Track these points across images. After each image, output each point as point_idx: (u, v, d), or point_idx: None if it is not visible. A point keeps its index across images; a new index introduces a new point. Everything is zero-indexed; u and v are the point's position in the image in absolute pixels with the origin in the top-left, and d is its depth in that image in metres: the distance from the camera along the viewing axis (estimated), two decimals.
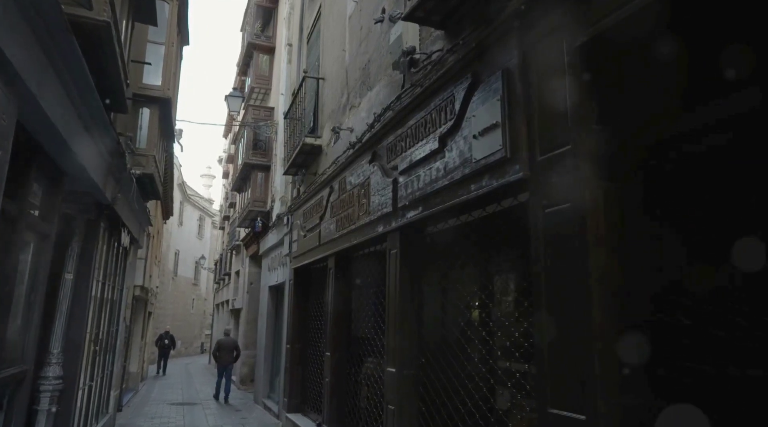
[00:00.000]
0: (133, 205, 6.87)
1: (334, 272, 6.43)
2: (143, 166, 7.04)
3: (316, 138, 7.38)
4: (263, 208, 12.00)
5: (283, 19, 11.79)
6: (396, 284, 4.59)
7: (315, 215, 7.26)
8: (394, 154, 4.75)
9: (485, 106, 3.38)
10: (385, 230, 4.83)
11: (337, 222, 6.25)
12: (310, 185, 7.66)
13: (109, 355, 7.71)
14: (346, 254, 6.19)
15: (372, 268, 5.74)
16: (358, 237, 5.48)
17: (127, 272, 8.51)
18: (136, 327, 13.54)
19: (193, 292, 36.78)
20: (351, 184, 5.87)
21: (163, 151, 9.17)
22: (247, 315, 14.80)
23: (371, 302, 5.68)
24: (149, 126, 7.25)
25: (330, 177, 6.61)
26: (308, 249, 7.52)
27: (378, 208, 5.00)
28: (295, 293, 8.53)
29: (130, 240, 8.00)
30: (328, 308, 6.60)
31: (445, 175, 3.79)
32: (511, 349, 3.42)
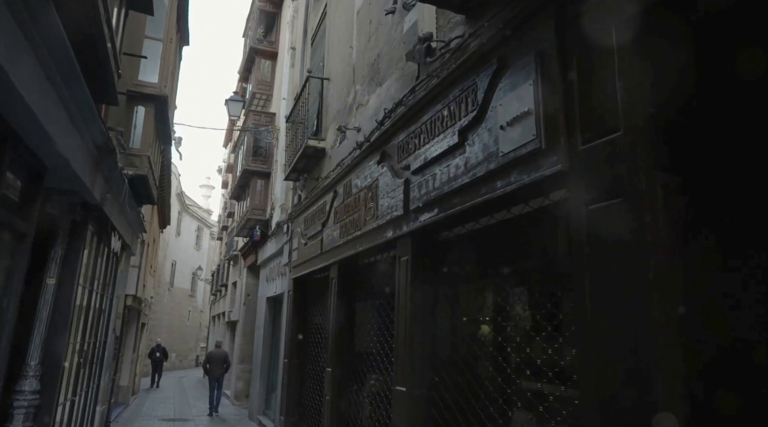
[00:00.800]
0: (124, 208, 6.47)
1: (337, 281, 6.03)
2: (137, 166, 6.66)
3: (320, 140, 7.02)
4: (262, 217, 11.61)
5: (287, 23, 11.52)
6: (406, 294, 4.18)
7: (317, 221, 6.87)
8: (406, 152, 4.38)
9: (514, 93, 3.01)
10: (394, 235, 4.44)
11: (341, 228, 5.86)
12: (312, 190, 7.28)
13: (96, 368, 7.25)
14: (351, 262, 5.78)
15: (378, 278, 5.33)
16: (365, 243, 5.09)
17: (117, 280, 8.08)
18: (128, 339, 13.06)
19: (189, 303, 36.22)
20: (357, 188, 5.49)
21: (159, 154, 8.79)
22: (243, 328, 14.32)
23: (377, 315, 5.26)
24: (144, 125, 6.88)
25: (334, 181, 6.23)
26: (309, 258, 7.12)
27: (387, 211, 4.61)
28: (295, 305, 8.10)
29: (121, 246, 7.59)
30: (329, 321, 6.18)
31: (466, 172, 3.41)
32: (542, 368, 3.01)
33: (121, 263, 8.21)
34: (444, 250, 4.21)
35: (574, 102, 2.59)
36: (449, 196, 3.62)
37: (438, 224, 3.89)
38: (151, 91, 6.84)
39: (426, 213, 3.93)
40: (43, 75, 3.27)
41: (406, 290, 4.20)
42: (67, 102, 3.69)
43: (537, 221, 3.26)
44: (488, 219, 3.59)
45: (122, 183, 5.97)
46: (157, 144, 8.05)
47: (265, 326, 11.06)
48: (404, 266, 4.26)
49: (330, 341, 6.06)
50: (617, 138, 2.33)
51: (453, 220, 3.72)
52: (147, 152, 6.85)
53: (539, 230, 3.32)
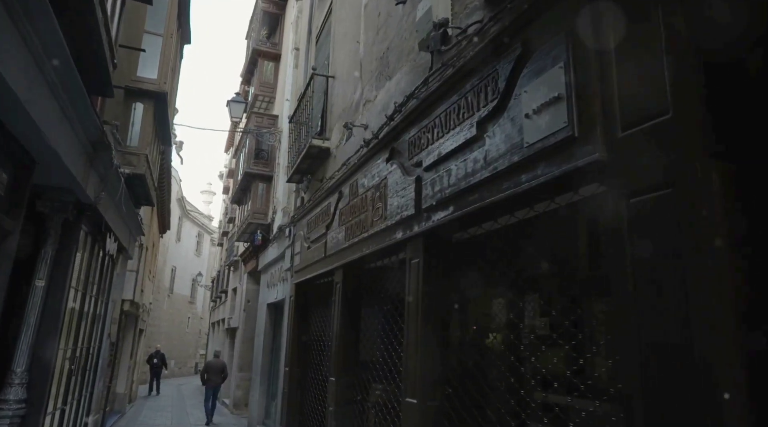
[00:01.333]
0: (120, 209, 6.22)
1: (342, 286, 5.75)
2: (134, 165, 6.41)
3: (324, 140, 6.77)
4: (263, 221, 11.35)
5: (291, 23, 11.33)
6: (417, 299, 3.91)
7: (321, 224, 6.61)
8: (418, 148, 4.12)
9: (542, 77, 2.76)
10: (405, 236, 4.18)
11: (347, 230, 5.60)
12: (316, 192, 7.03)
13: (90, 375, 6.97)
14: (357, 265, 5.52)
15: (386, 282, 5.07)
16: (372, 246, 4.82)
17: (113, 284, 7.81)
18: (124, 345, 12.76)
19: (189, 310, 35.92)
20: (364, 187, 5.24)
21: (159, 154, 8.55)
22: (243, 335, 14.02)
23: (384, 322, 4.99)
24: (142, 123, 6.64)
25: (339, 181, 5.98)
26: (312, 262, 6.85)
27: (397, 211, 4.35)
28: (296, 311, 7.82)
29: (117, 248, 7.33)
30: (333, 328, 5.90)
31: (485, 166, 3.16)
32: (572, 379, 2.74)
33: (117, 266, 7.94)
34: (458, 252, 3.95)
35: (613, 83, 2.33)
36: (466, 193, 3.36)
37: (453, 224, 3.62)
38: (150, 88, 6.61)
39: (440, 212, 3.67)
40: (30, 58, 3.03)
41: (416, 295, 3.93)
42: (57, 90, 3.44)
43: (562, 220, 3.01)
44: (508, 218, 3.33)
45: (118, 182, 5.72)
46: (156, 144, 7.81)
47: (265, 332, 10.77)
48: (415, 269, 3.99)
49: (334, 348, 5.78)
50: (665, 122, 2.07)
51: (469, 219, 3.46)
52: (145, 151, 6.61)
53: (564, 230, 3.06)
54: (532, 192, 2.81)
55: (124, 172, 5.91)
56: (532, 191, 2.80)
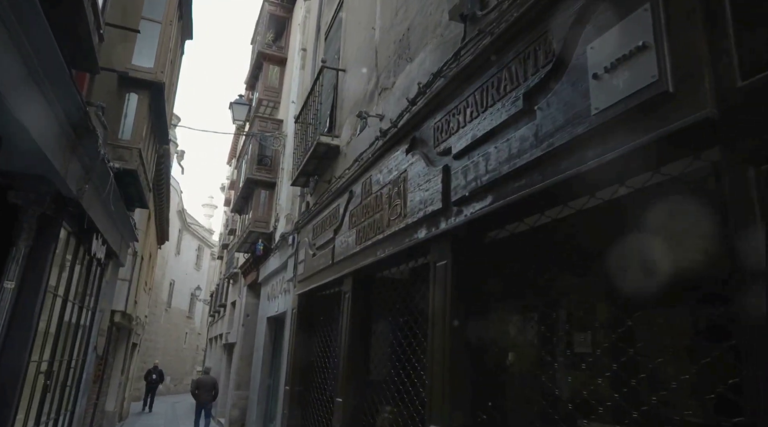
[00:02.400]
0: (109, 208, 5.66)
1: (352, 296, 5.16)
2: (125, 160, 5.88)
3: (333, 137, 6.25)
4: (265, 230, 10.78)
5: (298, 25, 10.92)
6: (444, 309, 3.33)
7: (328, 228, 6.05)
8: (446, 133, 3.58)
9: (616, 28, 2.22)
10: (429, 234, 3.61)
11: (358, 233, 5.04)
12: (323, 194, 6.48)
13: (71, 391, 6.34)
14: (369, 272, 4.94)
15: (403, 291, 4.48)
16: (389, 248, 4.25)
17: (102, 292, 7.22)
18: (116, 360, 12.10)
19: (186, 325, 35.17)
20: (379, 184, 4.69)
21: (154, 152, 8.01)
22: (241, 350, 13.36)
23: (400, 337, 4.39)
24: (137, 115, 6.12)
25: (350, 180, 5.43)
26: (318, 270, 6.27)
27: (419, 207, 3.79)
28: (299, 325, 7.21)
29: (106, 253, 6.76)
30: (340, 343, 5.30)
31: (536, 143, 2.60)
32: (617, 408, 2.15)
33: (107, 273, 7.36)
34: (493, 254, 3.38)
35: (725, 18, 1.79)
36: (509, 179, 2.80)
37: (489, 218, 3.06)
38: (146, 77, 6.10)
39: (474, 204, 3.11)
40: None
41: (443, 305, 3.35)
42: (25, 52, 2.91)
43: (627, 210, 2.44)
44: (560, 209, 2.77)
45: (106, 176, 5.18)
46: (151, 141, 7.29)
47: (264, 348, 10.13)
48: (441, 273, 3.42)
49: (341, 366, 5.17)
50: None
51: (512, 211, 2.90)
52: (138, 145, 6.08)
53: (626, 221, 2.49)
54: (603, 171, 2.25)
55: (113, 167, 5.38)
56: (602, 170, 2.24)
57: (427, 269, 3.94)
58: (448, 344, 3.24)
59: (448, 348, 3.23)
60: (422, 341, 4.21)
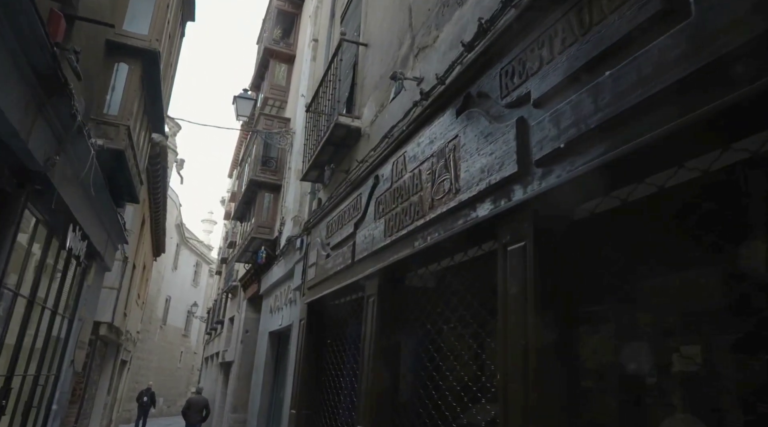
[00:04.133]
0: (90, 194, 4.78)
1: (378, 300, 4.25)
2: (111, 138, 5.03)
3: (354, 118, 5.42)
4: (269, 236, 9.89)
5: (309, 17, 10.21)
6: (524, 305, 2.44)
7: (347, 222, 5.17)
8: (520, 77, 2.73)
9: None
10: (496, 210, 2.73)
11: (387, 223, 4.16)
12: (340, 185, 5.62)
13: (37, 413, 5.37)
14: (401, 270, 4.05)
15: (449, 290, 3.58)
16: (433, 234, 3.37)
17: (83, 298, 6.30)
18: (101, 378, 11.07)
19: (182, 344, 33.98)
20: (416, 160, 3.83)
21: (147, 139, 7.14)
22: (239, 370, 12.33)
23: (447, 347, 3.48)
24: (126, 87, 5.29)
25: (376, 161, 4.58)
26: (332, 273, 5.38)
27: (479, 177, 2.93)
28: (307, 338, 6.27)
29: (88, 252, 5.86)
30: (362, 359, 4.37)
31: (691, 52, 1.75)
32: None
33: (89, 276, 6.45)
34: (593, 237, 2.50)
35: None
36: (638, 113, 1.94)
37: (596, 178, 2.18)
38: (139, 44, 5.28)
39: (574, 158, 2.24)
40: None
41: (520, 302, 2.45)
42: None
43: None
44: (713, 160, 1.91)
45: (86, 151, 4.32)
46: (144, 124, 6.42)
47: (265, 367, 9.14)
48: (517, 260, 2.53)
49: (363, 387, 4.23)
50: None
51: (639, 163, 2.03)
52: (127, 122, 5.23)
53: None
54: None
55: (96, 143, 4.53)
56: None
57: (487, 258, 3.06)
58: (533, 359, 2.33)
59: (534, 365, 2.33)
60: (478, 351, 3.31)
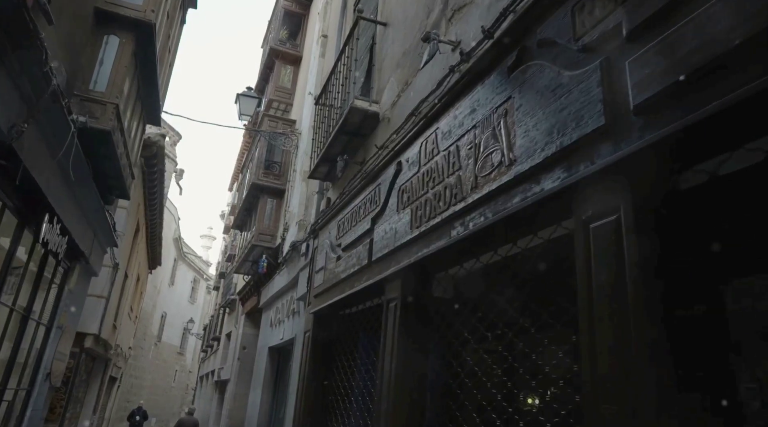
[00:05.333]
0: (70, 177, 4.17)
1: (401, 304, 3.61)
2: (96, 117, 4.44)
3: (371, 103, 4.84)
4: (271, 244, 9.25)
5: (318, 13, 9.75)
6: (617, 294, 1.81)
7: (362, 218, 4.56)
8: (604, 7, 2.15)
9: None
10: (568, 180, 2.12)
11: (414, 214, 3.54)
12: (354, 179, 5.02)
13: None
14: (431, 266, 3.41)
15: (497, 292, 2.95)
16: (477, 219, 2.75)
17: (63, 303, 5.64)
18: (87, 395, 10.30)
19: (177, 362, 33.00)
20: (452, 136, 3.23)
21: (140, 128, 6.54)
22: (235, 389, 11.56)
23: (491, 362, 2.84)
24: (116, 62, 4.71)
25: (399, 145, 3.98)
26: (344, 277, 4.74)
27: (542, 141, 2.32)
28: (313, 353, 5.59)
29: (70, 250, 5.22)
30: (381, 378, 3.70)
31: None
32: None
33: (71, 279, 5.80)
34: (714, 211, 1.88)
35: None
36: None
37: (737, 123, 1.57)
38: (132, 14, 4.73)
39: (701, 96, 1.64)
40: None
41: (612, 295, 1.83)
42: None
43: None
44: None
45: (64, 126, 3.72)
46: (137, 109, 5.82)
47: (264, 385, 8.41)
48: (603, 241, 1.91)
49: (383, 408, 3.56)
50: None
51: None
52: (115, 100, 4.64)
53: None
54: None
55: (77, 119, 3.95)
56: None
57: (546, 248, 2.44)
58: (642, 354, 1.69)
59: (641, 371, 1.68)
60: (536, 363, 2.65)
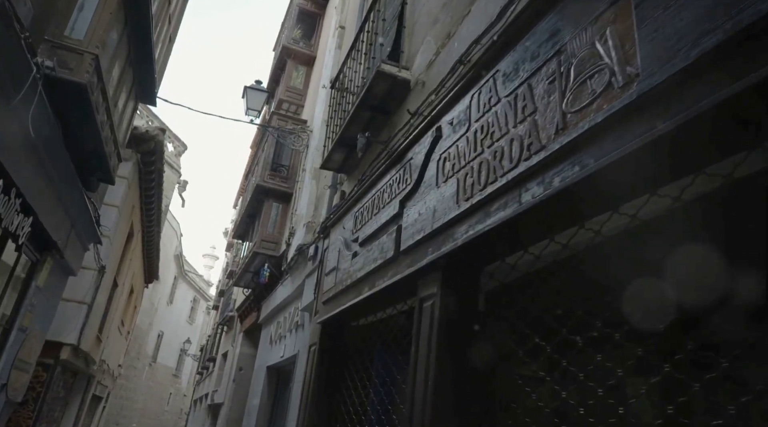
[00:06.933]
0: (27, 131, 3.38)
1: (441, 306, 2.75)
2: (70, 68, 3.68)
3: (401, 68, 4.08)
4: (274, 252, 8.41)
5: (335, 8, 9.14)
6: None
7: (388, 202, 3.73)
8: None
9: None
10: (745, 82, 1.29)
11: (461, 184, 2.72)
12: (376, 160, 4.22)
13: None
14: (484, 250, 2.57)
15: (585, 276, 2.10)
16: (567, 171, 1.92)
17: (28, 302, 4.80)
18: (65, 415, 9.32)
19: (172, 384, 31.76)
20: (524, 72, 2.43)
21: (132, 102, 5.75)
22: (228, 413, 10.56)
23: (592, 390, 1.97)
24: (99, 6, 3.98)
25: (438, 108, 3.18)
26: (362, 275, 3.89)
27: (691, 38, 1.50)
28: (318, 371, 4.69)
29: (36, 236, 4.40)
30: (412, 401, 2.83)
31: None
32: None
33: (39, 274, 4.96)
34: None
35: None
36: None
37: None
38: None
39: None
40: None
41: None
42: None
43: None
44: None
45: (25, 70, 2.94)
46: (127, 76, 5.03)
47: (260, 410, 7.45)
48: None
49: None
50: None
51: None
52: (95, 50, 3.89)
53: None
54: None
55: (42, 63, 3.20)
56: None
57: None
58: None
59: None
60: None
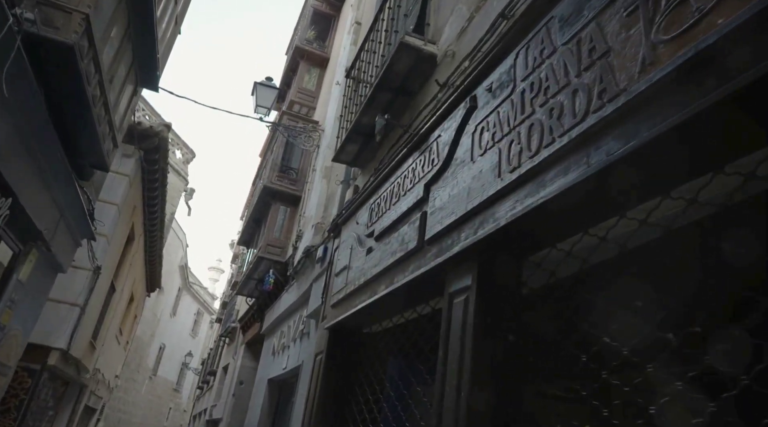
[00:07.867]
0: (1, 89, 2.97)
1: (476, 301, 2.27)
2: (56, 26, 3.30)
3: (426, 42, 3.65)
4: (280, 258, 7.96)
5: (351, 6, 8.84)
6: None
7: (409, 188, 3.28)
8: None
9: None
10: None
11: (505, 153, 2.27)
12: (396, 145, 3.78)
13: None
14: (534, 231, 2.10)
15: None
16: (670, 111, 1.45)
17: (8, 297, 4.36)
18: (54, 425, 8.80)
19: (172, 399, 31.06)
20: (586, 15, 1.99)
21: (128, 75, 5.33)
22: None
23: None
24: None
25: (473, 75, 2.73)
26: (376, 273, 3.42)
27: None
28: (325, 382, 4.18)
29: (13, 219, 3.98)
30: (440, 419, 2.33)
31: None
32: None
33: (22, 267, 4.53)
34: None
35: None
36: None
37: None
38: None
39: None
40: None
41: None
42: None
43: None
44: None
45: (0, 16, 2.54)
46: (124, 44, 4.57)
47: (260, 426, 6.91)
48: None
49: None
50: None
51: None
52: (85, 9, 3.51)
53: None
54: None
55: (22, 15, 2.81)
56: None
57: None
58: None
59: None
60: None
